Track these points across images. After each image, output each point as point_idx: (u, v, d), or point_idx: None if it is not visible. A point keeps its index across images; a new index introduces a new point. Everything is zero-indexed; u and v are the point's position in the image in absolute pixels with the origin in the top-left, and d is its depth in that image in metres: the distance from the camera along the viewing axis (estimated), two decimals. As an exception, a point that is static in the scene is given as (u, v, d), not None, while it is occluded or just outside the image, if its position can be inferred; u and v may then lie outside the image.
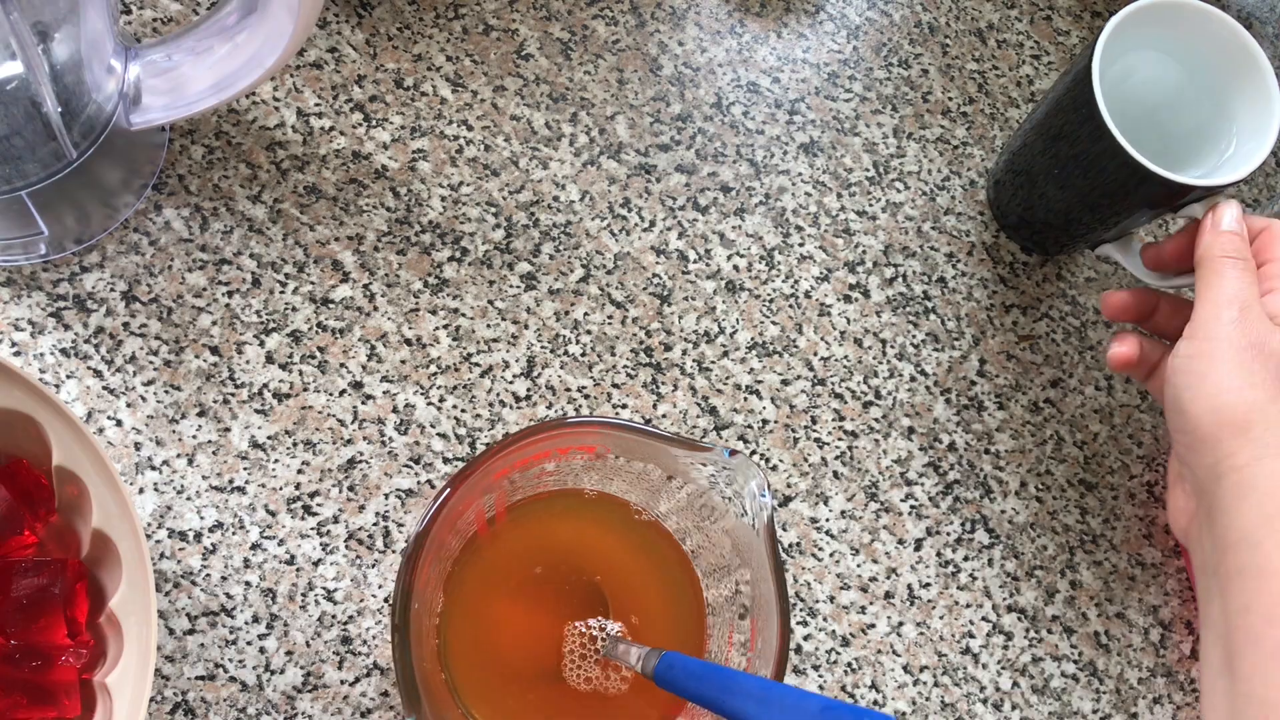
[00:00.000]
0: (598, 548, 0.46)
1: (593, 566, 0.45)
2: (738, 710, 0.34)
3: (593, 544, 0.46)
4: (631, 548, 0.46)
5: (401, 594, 0.36)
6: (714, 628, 0.44)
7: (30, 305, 0.47)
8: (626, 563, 0.46)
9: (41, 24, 0.40)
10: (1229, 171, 0.49)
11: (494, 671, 0.43)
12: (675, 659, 0.38)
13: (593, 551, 0.46)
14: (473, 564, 0.44)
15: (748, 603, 0.41)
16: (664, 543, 0.45)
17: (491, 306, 0.52)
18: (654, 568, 0.46)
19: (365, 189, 0.52)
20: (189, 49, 0.46)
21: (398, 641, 0.35)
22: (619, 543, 0.46)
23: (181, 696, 0.44)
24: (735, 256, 0.56)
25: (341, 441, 0.48)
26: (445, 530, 0.39)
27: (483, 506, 0.43)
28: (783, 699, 0.33)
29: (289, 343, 0.49)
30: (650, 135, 0.57)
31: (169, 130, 0.51)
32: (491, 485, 0.41)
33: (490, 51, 0.56)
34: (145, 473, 0.46)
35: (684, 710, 0.43)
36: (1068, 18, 0.66)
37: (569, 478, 0.45)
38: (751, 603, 0.41)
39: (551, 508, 0.46)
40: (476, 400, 0.50)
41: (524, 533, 0.45)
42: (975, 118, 0.62)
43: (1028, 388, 0.57)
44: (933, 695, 0.51)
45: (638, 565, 0.46)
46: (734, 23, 0.60)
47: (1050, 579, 0.54)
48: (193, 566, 0.46)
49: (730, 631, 0.42)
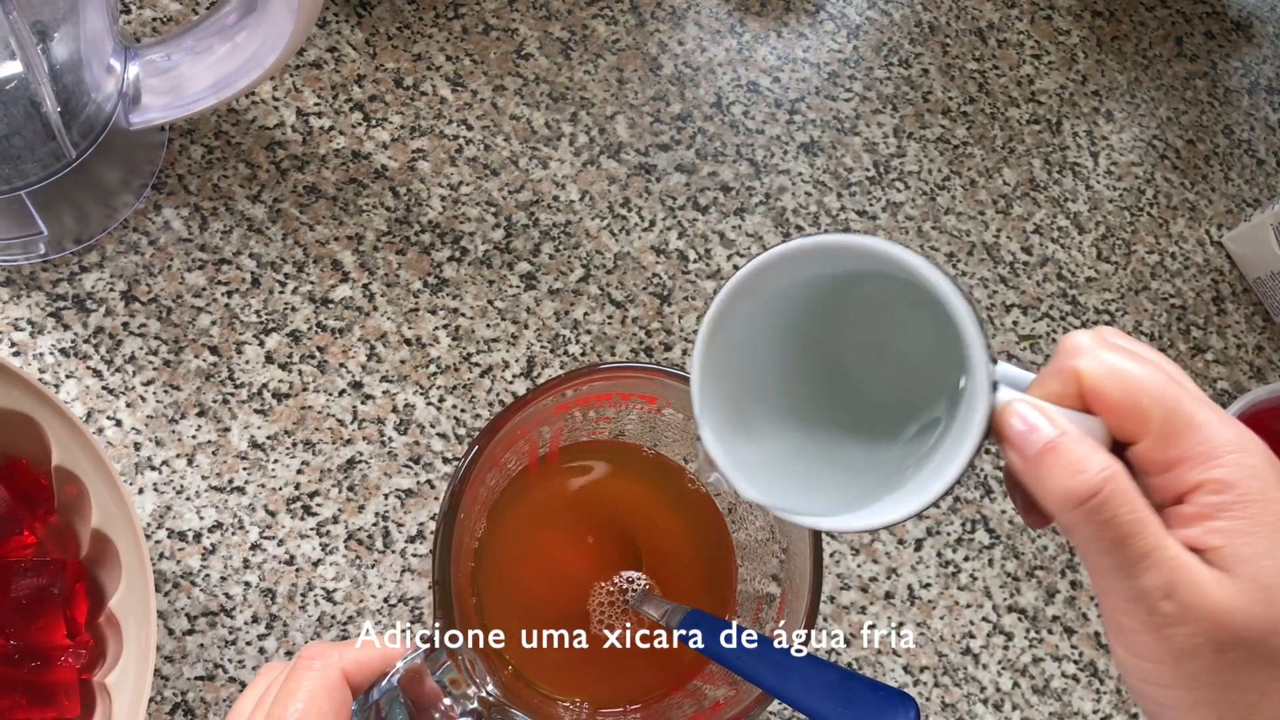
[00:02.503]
0: (642, 506, 0.46)
1: (633, 523, 0.45)
2: (757, 674, 0.35)
3: (638, 501, 0.46)
4: (675, 513, 0.46)
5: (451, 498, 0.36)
6: (743, 600, 0.44)
7: (30, 305, 0.47)
8: (668, 526, 0.46)
9: (41, 24, 0.40)
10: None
11: (522, 604, 0.44)
12: (701, 617, 0.38)
13: (637, 508, 0.46)
14: (518, 497, 0.44)
15: (779, 574, 0.42)
16: (709, 517, 0.46)
17: (491, 306, 0.52)
18: (693, 535, 0.46)
19: (365, 189, 0.52)
20: (188, 49, 0.45)
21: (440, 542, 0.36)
22: (664, 505, 0.46)
23: (181, 696, 0.44)
24: (735, 256, 0.56)
25: (341, 441, 0.48)
26: (502, 450, 0.40)
27: (537, 441, 0.43)
28: (802, 668, 0.33)
29: (288, 343, 0.49)
30: (650, 135, 0.57)
31: (168, 130, 0.51)
32: (551, 417, 0.42)
33: (490, 51, 0.56)
34: (145, 473, 0.46)
35: (702, 673, 0.43)
36: (1068, 17, 0.66)
37: (627, 428, 0.45)
38: (783, 575, 0.41)
39: (607, 458, 0.46)
40: (476, 400, 0.50)
41: (573, 477, 0.46)
42: (975, 117, 0.62)
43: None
44: (933, 695, 0.51)
45: (678, 530, 0.46)
46: (734, 22, 0.60)
47: (1050, 579, 0.54)
48: (192, 567, 0.46)
49: (759, 604, 0.43)
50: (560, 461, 0.45)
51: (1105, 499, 0.25)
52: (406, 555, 0.48)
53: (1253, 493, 0.25)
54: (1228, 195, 0.65)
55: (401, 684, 0.33)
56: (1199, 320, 0.61)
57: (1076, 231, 0.61)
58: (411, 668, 0.33)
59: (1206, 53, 0.68)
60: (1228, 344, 0.61)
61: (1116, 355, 0.26)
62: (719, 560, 0.45)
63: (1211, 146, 0.66)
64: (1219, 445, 0.25)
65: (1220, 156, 0.66)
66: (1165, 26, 0.68)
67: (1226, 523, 0.25)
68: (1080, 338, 0.27)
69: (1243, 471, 0.25)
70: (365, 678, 0.33)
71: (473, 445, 0.38)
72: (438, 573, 0.36)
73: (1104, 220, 0.62)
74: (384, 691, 0.33)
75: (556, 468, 0.45)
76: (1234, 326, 0.62)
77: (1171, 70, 0.67)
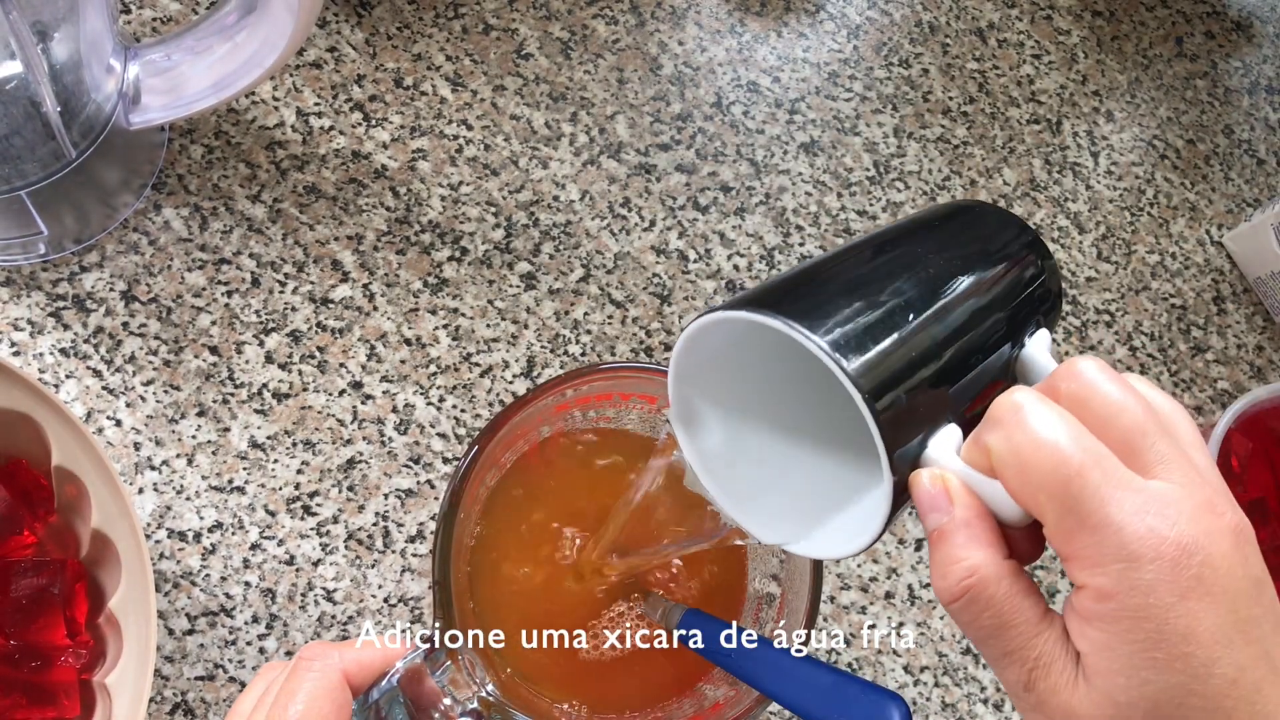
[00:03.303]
0: None
1: None
2: (754, 675, 0.35)
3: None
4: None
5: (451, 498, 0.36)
6: (749, 598, 0.44)
7: (29, 305, 0.47)
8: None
9: (41, 24, 0.40)
10: None
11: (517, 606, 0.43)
12: (698, 617, 0.38)
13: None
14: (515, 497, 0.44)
15: (779, 574, 0.41)
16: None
17: (491, 306, 0.52)
18: None
19: (365, 189, 0.52)
20: (188, 48, 0.45)
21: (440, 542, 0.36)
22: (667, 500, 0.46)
23: (181, 697, 0.44)
24: (735, 256, 0.56)
25: (341, 441, 0.48)
26: (501, 450, 0.40)
27: (537, 438, 0.43)
28: (798, 669, 0.33)
29: (288, 343, 0.49)
30: (650, 135, 0.57)
31: (168, 130, 0.51)
32: (551, 417, 0.42)
33: (490, 51, 0.56)
34: (145, 473, 0.46)
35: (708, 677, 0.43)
36: (1068, 17, 0.66)
37: (627, 428, 0.45)
38: (783, 575, 0.41)
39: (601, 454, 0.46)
40: (476, 400, 0.50)
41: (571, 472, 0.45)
42: (975, 117, 0.62)
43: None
44: (933, 695, 0.51)
45: None
46: (734, 22, 0.60)
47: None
48: (192, 567, 0.46)
49: (759, 604, 0.43)
50: (560, 454, 0.45)
51: (967, 603, 0.26)
52: (406, 555, 0.48)
53: (1127, 609, 0.24)
54: (1228, 195, 0.65)
55: (401, 684, 0.33)
56: (1199, 320, 0.61)
57: (1077, 231, 0.61)
58: (411, 668, 0.33)
59: (1206, 53, 0.68)
60: (1228, 344, 0.61)
61: (1035, 430, 0.25)
62: (728, 559, 0.45)
63: (1212, 146, 0.66)
64: (1107, 553, 0.24)
65: (1220, 156, 0.66)
66: (1165, 26, 0.68)
67: (1096, 632, 0.25)
68: (1019, 395, 0.26)
69: (1125, 584, 0.24)
70: (365, 678, 0.33)
71: (473, 445, 0.38)
72: (438, 573, 0.36)
73: (1104, 220, 0.62)
74: (384, 691, 0.33)
75: (557, 463, 0.45)
76: (1234, 326, 0.62)
77: (1171, 70, 0.67)
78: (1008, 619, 0.26)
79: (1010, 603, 0.26)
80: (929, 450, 0.27)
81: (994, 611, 0.26)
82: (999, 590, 0.26)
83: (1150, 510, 0.24)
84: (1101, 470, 0.24)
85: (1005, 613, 0.26)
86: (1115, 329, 0.60)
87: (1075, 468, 0.24)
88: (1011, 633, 0.26)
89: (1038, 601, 0.26)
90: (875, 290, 0.28)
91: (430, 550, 0.44)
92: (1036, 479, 0.25)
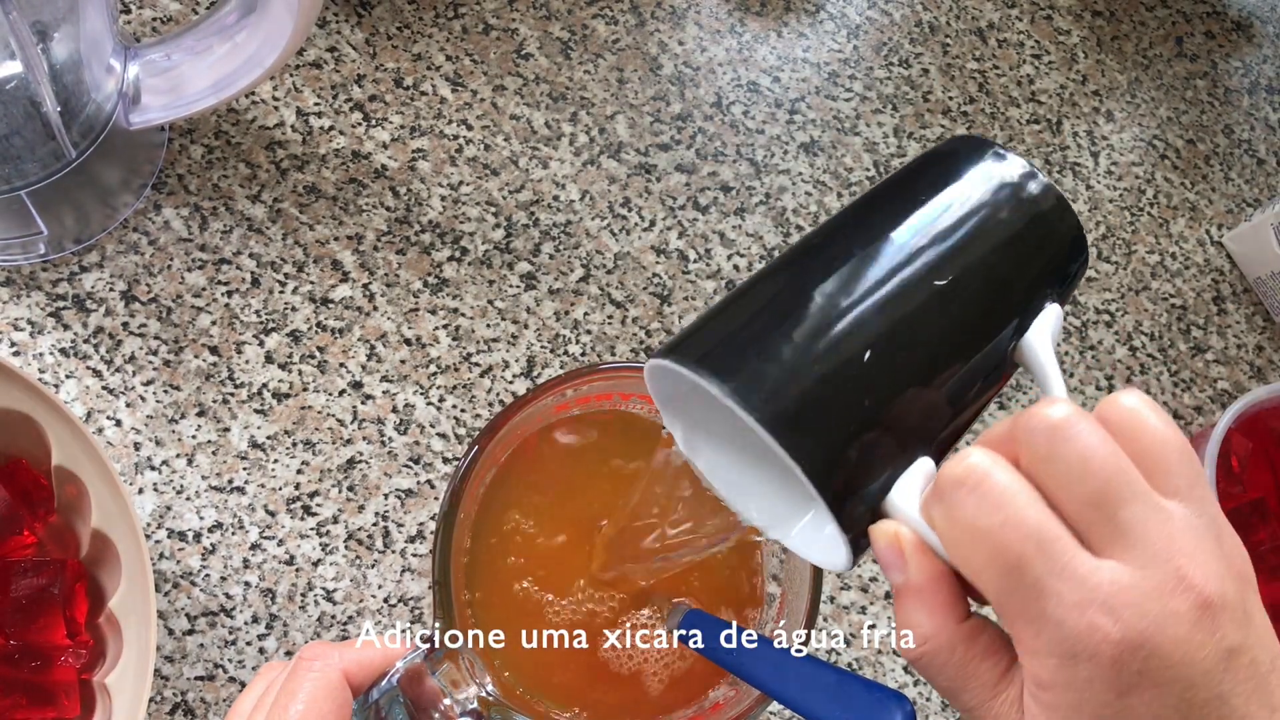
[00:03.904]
0: None
1: None
2: (755, 675, 0.35)
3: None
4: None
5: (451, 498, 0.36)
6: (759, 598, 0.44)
7: (29, 305, 0.47)
8: None
9: (41, 23, 0.40)
10: None
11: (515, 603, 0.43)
12: (699, 616, 0.38)
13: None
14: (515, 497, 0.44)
15: (779, 574, 0.41)
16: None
17: (491, 306, 0.52)
18: None
19: (365, 189, 0.52)
20: (188, 48, 0.45)
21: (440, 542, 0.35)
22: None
23: (181, 697, 0.44)
24: (736, 256, 0.56)
25: (341, 441, 0.48)
26: (501, 450, 0.40)
27: (537, 438, 0.43)
28: (799, 669, 0.33)
29: (288, 343, 0.49)
30: (650, 135, 0.57)
31: (168, 130, 0.51)
32: (551, 417, 0.42)
33: (490, 51, 0.56)
34: (145, 473, 0.46)
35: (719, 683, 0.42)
36: (1068, 17, 0.66)
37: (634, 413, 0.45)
38: (783, 575, 0.41)
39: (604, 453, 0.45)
40: (476, 400, 0.50)
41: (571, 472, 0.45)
42: (975, 117, 0.62)
43: (1028, 387, 0.57)
44: (933, 696, 0.51)
45: None
46: (734, 22, 0.60)
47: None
48: (192, 567, 0.46)
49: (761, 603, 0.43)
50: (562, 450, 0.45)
51: (923, 667, 0.26)
52: (406, 555, 0.48)
53: (1064, 702, 0.23)
54: (1228, 195, 0.65)
55: (401, 684, 0.33)
56: (1199, 320, 0.61)
57: (1076, 231, 0.61)
58: (411, 668, 0.33)
59: (1206, 53, 0.68)
60: (1228, 344, 0.61)
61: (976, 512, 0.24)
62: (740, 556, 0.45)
63: (1211, 146, 0.66)
64: (1043, 646, 0.23)
65: (1220, 156, 0.66)
66: (1165, 26, 0.68)
67: (1039, 709, 0.24)
68: (970, 461, 0.24)
69: (1061, 679, 0.23)
70: (365, 678, 0.33)
71: (473, 445, 0.38)
72: (438, 573, 0.36)
73: (1104, 220, 0.62)
74: (384, 691, 0.33)
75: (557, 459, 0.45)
76: (1234, 326, 0.62)
77: (1171, 70, 0.67)
78: (963, 684, 0.26)
79: (965, 669, 0.26)
80: (891, 497, 0.26)
81: (948, 676, 0.26)
82: (952, 658, 0.26)
83: (1094, 604, 0.23)
84: (1045, 558, 0.23)
85: (960, 677, 0.26)
86: (1115, 329, 0.60)
87: (1015, 558, 0.23)
88: (967, 695, 0.26)
89: (998, 662, 0.26)
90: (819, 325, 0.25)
91: (430, 550, 0.44)
92: (976, 564, 0.24)
